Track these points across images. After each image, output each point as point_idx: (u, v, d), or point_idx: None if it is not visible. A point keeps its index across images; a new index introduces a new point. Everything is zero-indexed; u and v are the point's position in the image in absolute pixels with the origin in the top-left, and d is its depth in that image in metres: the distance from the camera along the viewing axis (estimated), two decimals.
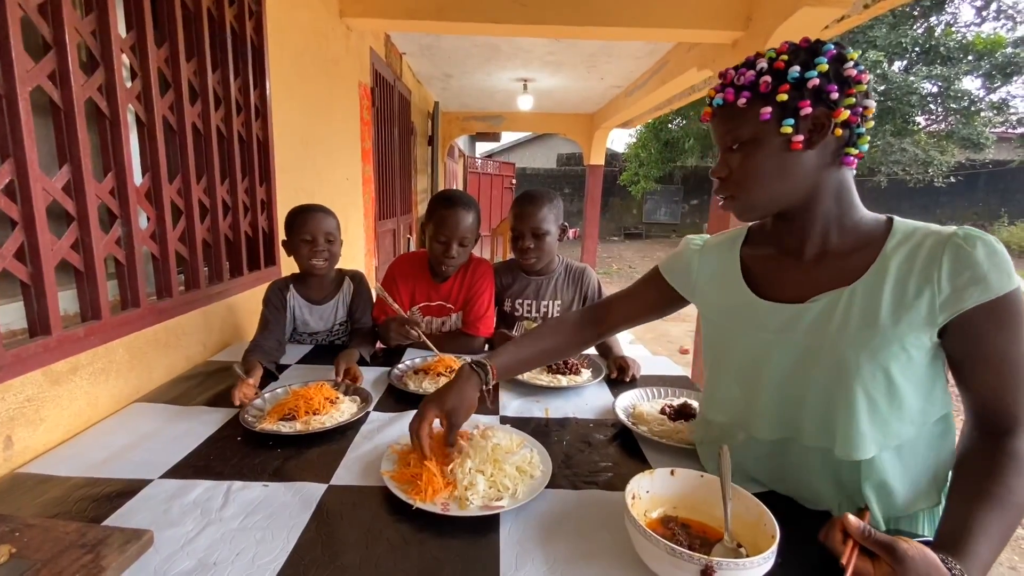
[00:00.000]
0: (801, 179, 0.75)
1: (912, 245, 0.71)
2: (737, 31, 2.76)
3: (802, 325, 0.76)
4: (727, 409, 0.87)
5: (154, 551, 0.68)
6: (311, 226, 1.48)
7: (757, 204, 0.79)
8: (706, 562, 0.58)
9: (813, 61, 0.71)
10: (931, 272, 0.68)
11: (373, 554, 0.69)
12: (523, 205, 1.60)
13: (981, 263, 0.66)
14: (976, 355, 0.69)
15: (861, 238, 0.76)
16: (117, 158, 1.16)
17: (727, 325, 0.86)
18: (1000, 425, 0.69)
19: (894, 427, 0.72)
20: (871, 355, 0.70)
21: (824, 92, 0.70)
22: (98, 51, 1.11)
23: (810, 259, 0.79)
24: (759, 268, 0.85)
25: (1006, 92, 11.81)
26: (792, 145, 0.72)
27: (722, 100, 0.77)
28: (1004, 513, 0.63)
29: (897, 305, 0.70)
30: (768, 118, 0.72)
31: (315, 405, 1.07)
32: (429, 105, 6.26)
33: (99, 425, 1.06)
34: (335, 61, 2.64)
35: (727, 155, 0.79)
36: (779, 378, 0.79)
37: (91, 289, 1.09)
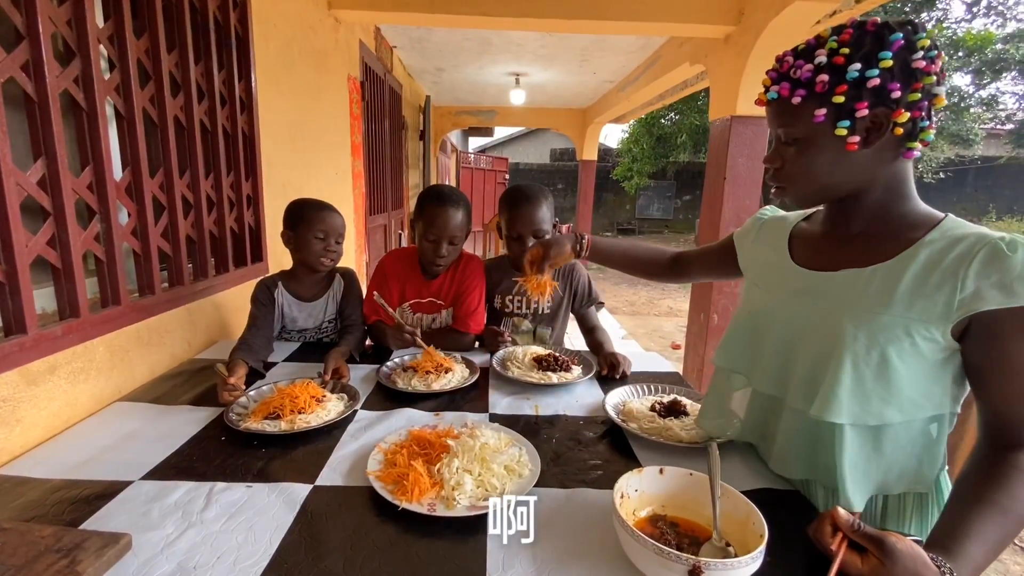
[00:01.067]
0: (855, 175, 0.75)
1: (950, 240, 0.70)
2: (729, 25, 2.76)
3: (817, 291, 0.79)
4: (731, 356, 0.92)
5: (132, 555, 0.67)
6: (326, 224, 1.48)
7: (808, 196, 0.81)
8: (694, 562, 0.57)
9: (878, 55, 0.68)
10: (958, 268, 0.67)
11: (358, 556, 0.68)
12: (520, 205, 1.55)
13: (1014, 268, 0.64)
14: (995, 363, 0.68)
15: (904, 227, 0.75)
16: (95, 152, 1.13)
17: (757, 283, 0.92)
18: (1010, 438, 0.68)
19: (875, 405, 0.72)
20: (871, 332, 0.71)
21: (886, 90, 0.68)
22: (74, 41, 1.08)
23: (849, 237, 0.80)
24: (804, 240, 0.88)
25: (995, 88, 11.95)
26: (847, 147, 0.71)
27: (776, 94, 0.75)
28: (1003, 520, 0.63)
29: (915, 292, 0.70)
30: (822, 120, 0.71)
31: (301, 404, 1.05)
32: (420, 99, 6.21)
33: (78, 426, 1.04)
34: (323, 54, 2.60)
35: (781, 146, 0.79)
36: (782, 336, 0.82)
37: (69, 286, 1.07)
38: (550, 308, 1.68)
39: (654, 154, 13.89)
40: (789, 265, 0.85)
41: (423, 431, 0.95)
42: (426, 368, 1.26)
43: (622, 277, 1.81)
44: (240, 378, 1.16)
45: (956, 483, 0.71)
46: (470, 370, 1.33)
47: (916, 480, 0.76)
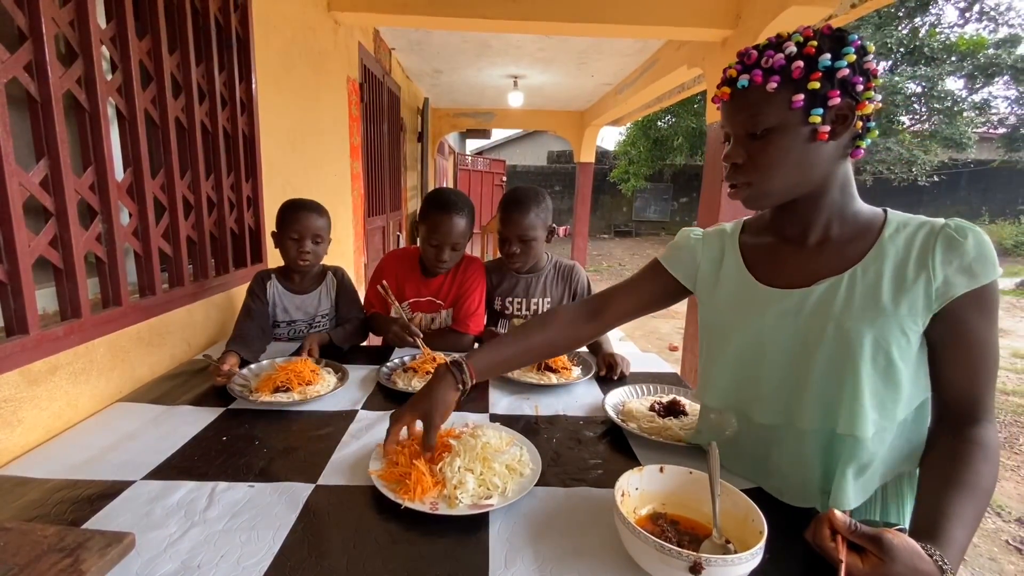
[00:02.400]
0: (818, 169, 0.75)
1: (908, 233, 0.73)
2: (726, 29, 2.78)
3: (804, 310, 0.77)
4: (725, 394, 0.88)
5: (136, 554, 0.67)
6: (300, 224, 1.49)
7: (772, 192, 0.77)
8: (694, 559, 0.58)
9: (841, 51, 0.69)
10: (926, 259, 0.70)
11: (360, 555, 0.68)
12: (510, 210, 1.56)
13: (969, 252, 0.68)
14: (956, 341, 0.71)
15: (859, 227, 0.77)
16: (97, 153, 1.13)
17: (726, 310, 0.86)
18: (967, 415, 0.72)
19: (889, 408, 0.73)
20: (876, 334, 0.71)
21: (851, 84, 0.70)
22: (77, 42, 1.08)
23: (811, 246, 0.80)
24: (759, 256, 0.86)
25: (988, 93, 12.03)
26: (819, 135, 0.72)
27: (748, 82, 0.73)
28: (974, 498, 0.66)
29: (898, 289, 0.71)
30: (800, 106, 0.71)
31: (306, 377, 1.16)
32: (419, 101, 6.22)
33: (79, 426, 1.04)
34: (323, 56, 2.61)
35: (746, 141, 0.76)
36: (781, 362, 0.80)
37: (70, 287, 1.07)
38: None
39: (651, 156, 13.93)
40: (756, 288, 0.83)
41: None
42: (426, 369, 1.27)
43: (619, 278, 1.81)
44: (232, 364, 1.22)
45: (923, 468, 0.73)
46: None
47: (908, 460, 0.78)
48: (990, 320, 0.70)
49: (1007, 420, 3.58)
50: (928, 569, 0.58)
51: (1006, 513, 2.49)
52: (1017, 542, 2.28)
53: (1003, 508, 2.53)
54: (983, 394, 0.71)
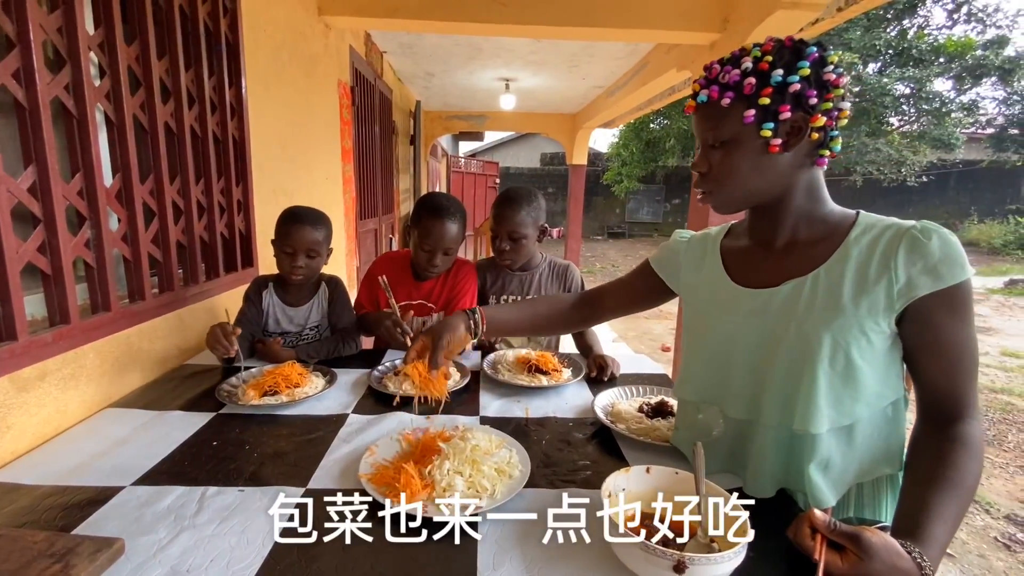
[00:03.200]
0: (776, 178, 0.78)
1: (873, 235, 0.75)
2: (714, 33, 2.80)
3: (771, 308, 0.80)
4: (699, 389, 0.91)
5: (125, 559, 0.67)
6: (293, 239, 1.44)
7: (733, 200, 0.82)
8: (678, 558, 0.59)
9: (796, 64, 0.72)
10: (889, 260, 0.72)
11: (349, 558, 0.69)
12: (501, 207, 1.60)
13: (934, 253, 0.70)
14: (929, 342, 0.73)
15: (828, 229, 0.80)
16: (85, 158, 1.13)
17: (704, 309, 0.91)
18: (949, 412, 0.73)
19: (847, 406, 0.75)
20: (834, 335, 0.74)
21: (804, 97, 0.72)
22: (65, 48, 1.08)
23: (780, 248, 0.83)
24: (736, 257, 0.90)
25: (975, 94, 12.18)
26: (770, 148, 0.75)
27: (706, 97, 0.78)
28: (956, 496, 0.67)
29: (859, 290, 0.73)
30: (751, 121, 0.74)
31: (294, 380, 1.19)
32: (411, 104, 6.22)
33: (69, 432, 1.04)
34: (314, 59, 2.61)
35: (708, 151, 0.81)
36: (748, 358, 0.83)
37: (59, 293, 1.07)
38: None
39: (643, 158, 14.00)
40: (730, 287, 0.86)
41: (415, 435, 0.96)
42: (418, 371, 1.27)
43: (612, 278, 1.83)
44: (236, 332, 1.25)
45: (907, 466, 0.75)
46: (461, 373, 1.34)
47: (885, 462, 0.80)
48: (962, 320, 0.71)
49: (996, 418, 3.63)
50: (907, 567, 0.60)
51: (995, 510, 2.53)
52: (1005, 538, 2.31)
53: (992, 505, 2.56)
54: (964, 392, 0.72)
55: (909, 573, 0.60)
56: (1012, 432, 3.41)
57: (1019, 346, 5.24)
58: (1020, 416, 3.65)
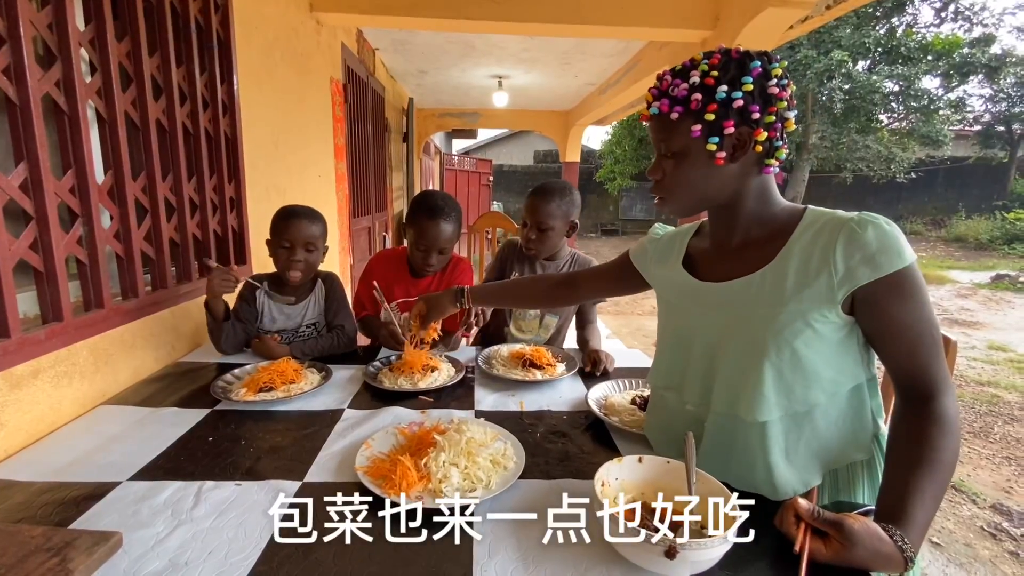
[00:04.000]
0: (724, 187, 0.82)
1: (815, 230, 0.77)
2: (705, 30, 2.82)
3: (723, 303, 0.84)
4: (664, 375, 0.95)
5: (123, 553, 0.68)
6: (291, 232, 1.44)
7: (685, 206, 0.87)
8: (669, 543, 0.60)
9: (740, 79, 0.75)
10: (828, 253, 0.74)
11: (347, 549, 0.69)
12: (534, 197, 1.64)
13: (870, 243, 0.71)
14: (883, 328, 0.75)
15: (776, 228, 0.83)
16: (77, 155, 1.13)
17: (670, 301, 0.97)
18: (920, 391, 0.75)
19: (799, 393, 0.78)
20: (776, 333, 0.76)
21: (748, 112, 0.75)
22: (55, 45, 1.08)
23: (735, 248, 0.87)
24: (698, 255, 0.94)
25: (963, 91, 12.34)
26: (716, 161, 0.78)
27: (657, 110, 0.81)
28: (934, 474, 0.68)
29: (800, 284, 0.76)
30: (698, 135, 0.78)
31: (289, 376, 1.19)
32: (403, 101, 6.21)
33: (63, 429, 1.04)
34: (306, 56, 2.60)
35: (661, 159, 0.84)
36: (703, 349, 0.87)
37: (52, 290, 1.06)
38: None
39: (636, 156, 14.04)
40: (691, 281, 0.90)
41: (410, 428, 0.97)
42: (413, 367, 1.28)
43: None
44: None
45: (888, 448, 0.77)
46: (456, 368, 1.35)
47: (856, 448, 0.82)
48: (913, 302, 0.72)
49: (982, 410, 3.68)
50: (889, 551, 0.62)
51: (981, 500, 2.57)
52: (991, 528, 2.35)
53: (978, 495, 2.61)
54: (931, 369, 0.74)
55: (891, 557, 0.62)
56: (998, 424, 3.47)
57: (1006, 339, 5.32)
58: (1006, 408, 3.71)
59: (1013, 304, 6.72)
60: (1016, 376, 4.37)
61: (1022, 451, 3.11)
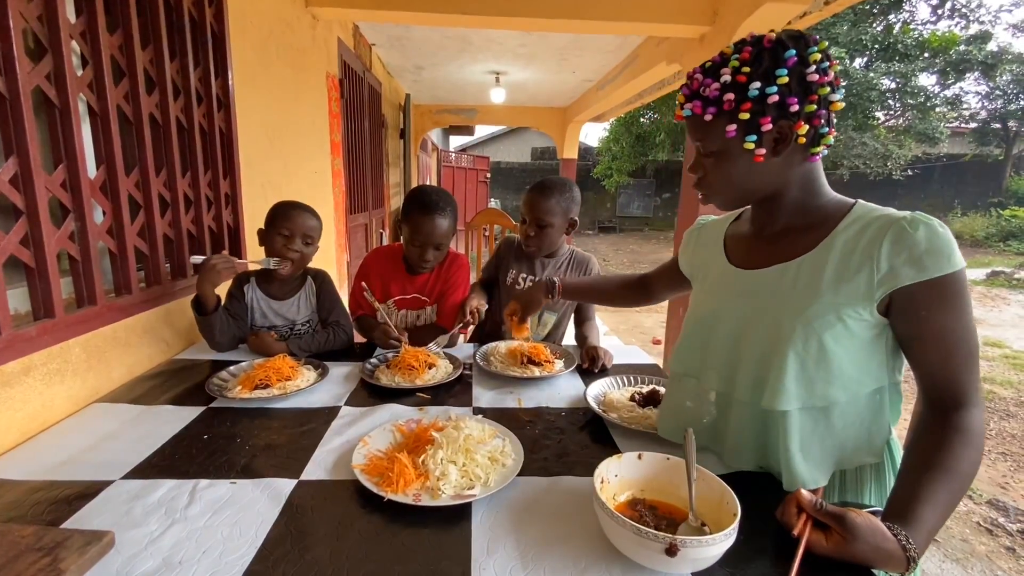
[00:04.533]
0: (768, 180, 0.80)
1: (862, 225, 0.76)
2: (704, 26, 2.81)
3: (756, 289, 0.83)
4: (683, 360, 0.94)
5: (116, 552, 0.67)
6: (292, 222, 1.46)
7: (728, 200, 0.86)
8: (670, 541, 0.60)
9: (775, 72, 0.71)
10: (872, 250, 0.72)
11: (344, 547, 0.69)
12: (533, 193, 1.62)
13: (919, 244, 0.69)
14: (919, 333, 0.72)
15: (821, 218, 0.80)
16: (68, 149, 1.11)
17: (704, 287, 0.96)
18: (947, 401, 0.72)
19: (819, 388, 0.76)
20: (806, 322, 0.75)
21: (785, 105, 0.72)
22: (45, 37, 1.06)
23: (774, 235, 0.85)
24: (736, 241, 0.94)
25: (959, 88, 12.37)
26: (755, 158, 0.76)
27: (690, 112, 0.80)
28: (950, 482, 0.66)
29: (838, 278, 0.74)
30: (733, 135, 0.75)
31: (285, 373, 1.18)
32: (400, 97, 6.18)
33: (56, 427, 1.02)
34: (301, 51, 2.58)
35: (700, 157, 0.84)
36: (728, 335, 0.86)
37: (43, 286, 1.05)
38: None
39: (633, 153, 14.04)
40: (727, 267, 0.90)
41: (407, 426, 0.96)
42: (409, 363, 1.27)
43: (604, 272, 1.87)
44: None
45: (905, 451, 0.75)
46: (453, 365, 1.34)
47: (868, 451, 0.81)
48: (955, 310, 0.70)
49: None
50: (891, 548, 0.61)
51: (977, 495, 2.58)
52: (988, 523, 2.36)
53: (974, 491, 2.62)
54: (962, 381, 0.71)
55: (893, 555, 0.61)
56: (993, 420, 3.48)
57: (1001, 336, 5.35)
58: (1001, 404, 3.73)
59: (1008, 301, 6.75)
60: (1011, 372, 4.39)
61: (1017, 447, 3.12)
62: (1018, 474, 2.82)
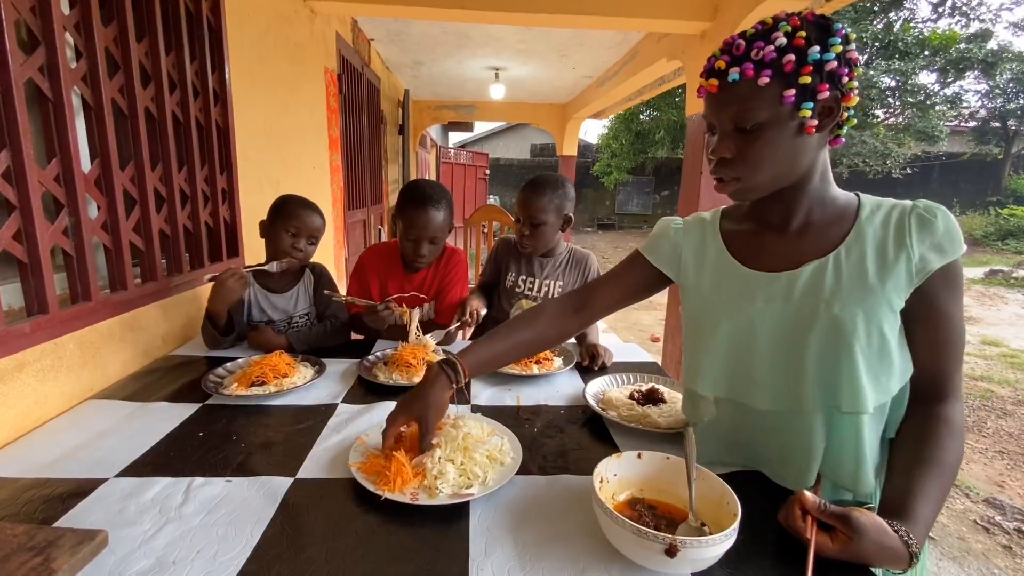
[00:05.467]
0: (803, 161, 0.75)
1: (883, 214, 0.76)
2: (704, 22, 2.80)
3: (794, 292, 0.77)
4: (717, 384, 0.85)
5: (109, 551, 0.66)
6: (300, 221, 1.47)
7: (761, 186, 0.77)
8: (670, 541, 0.59)
9: (828, 41, 0.68)
10: (903, 238, 0.73)
11: (340, 546, 0.68)
12: (526, 191, 1.60)
13: (939, 229, 0.72)
14: (927, 315, 0.73)
15: (838, 211, 0.79)
16: (62, 143, 1.10)
17: (715, 299, 0.85)
18: (935, 392, 0.74)
19: (883, 383, 0.74)
20: (867, 314, 0.72)
21: (837, 75, 0.69)
22: (39, 29, 1.04)
23: (793, 231, 0.80)
24: (742, 242, 0.86)
25: (959, 87, 12.36)
26: (807, 129, 0.71)
27: (739, 75, 0.70)
28: (940, 475, 0.68)
29: (881, 268, 0.73)
30: (791, 101, 0.69)
31: (282, 370, 1.17)
32: (399, 93, 6.15)
33: (49, 424, 1.01)
34: (299, 46, 2.56)
35: (734, 135, 0.75)
36: (774, 346, 0.79)
37: (36, 282, 1.04)
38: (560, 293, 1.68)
39: (633, 150, 14.01)
40: (744, 273, 0.82)
41: None
42: (406, 360, 1.26)
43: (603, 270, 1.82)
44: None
45: (895, 445, 0.75)
46: None
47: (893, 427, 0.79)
48: (956, 295, 0.73)
49: (975, 404, 3.71)
50: (894, 545, 0.61)
51: (974, 494, 2.59)
52: (984, 521, 2.36)
53: (971, 489, 2.62)
54: (950, 371, 0.74)
55: (896, 551, 0.61)
56: (991, 419, 3.49)
57: (999, 334, 5.36)
58: (999, 403, 3.74)
59: (1006, 299, 6.75)
60: (1009, 371, 4.40)
61: (1015, 445, 3.13)
62: (1015, 472, 2.82)
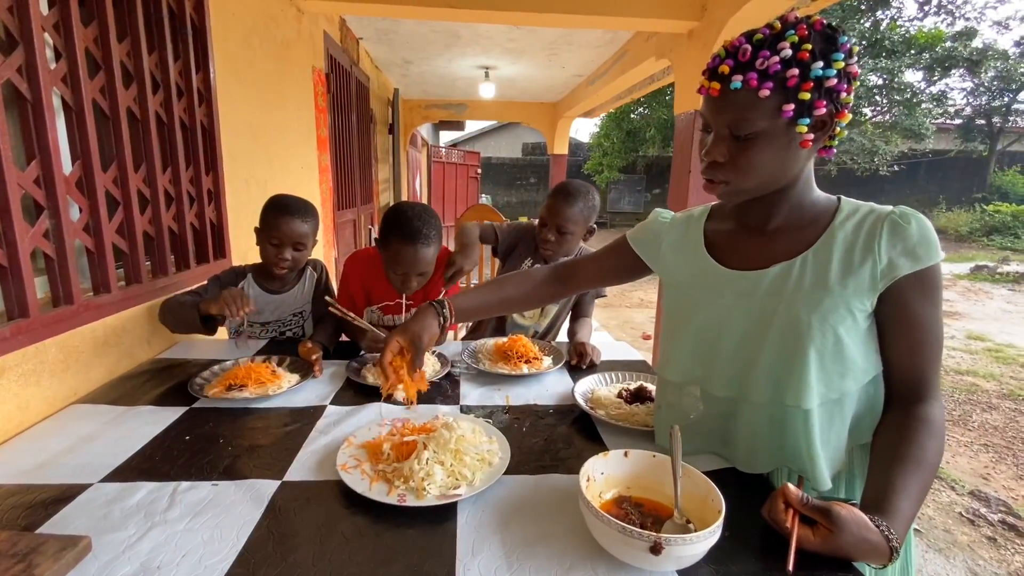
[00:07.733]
0: (794, 170, 0.77)
1: (857, 219, 0.77)
2: (692, 21, 2.81)
3: (760, 290, 0.80)
4: (684, 369, 0.90)
5: (92, 558, 0.65)
6: (280, 231, 1.43)
7: (748, 191, 0.79)
8: (654, 539, 0.59)
9: (831, 56, 0.68)
10: (872, 243, 0.74)
11: (327, 548, 0.68)
12: (557, 198, 1.59)
13: (912, 235, 0.72)
14: (901, 320, 0.75)
15: (815, 214, 0.81)
16: (42, 145, 1.08)
17: (689, 292, 0.90)
18: (913, 393, 0.76)
19: (835, 381, 0.77)
20: (822, 316, 0.75)
21: (836, 92, 0.70)
22: (16, 29, 1.03)
23: (769, 233, 0.83)
24: (721, 240, 0.89)
25: (945, 84, 12.52)
26: (801, 144, 0.73)
27: (741, 84, 0.70)
28: (920, 472, 0.69)
29: (845, 272, 0.75)
30: (789, 116, 0.70)
31: (264, 377, 1.16)
32: (389, 92, 6.12)
33: (31, 430, 1.00)
34: (286, 45, 2.54)
35: (728, 140, 0.75)
36: (736, 339, 0.83)
37: (16, 285, 1.02)
38: None
39: (624, 148, 14.06)
40: (719, 269, 0.86)
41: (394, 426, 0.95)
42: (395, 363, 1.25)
43: None
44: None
45: (875, 444, 0.77)
46: (441, 363, 1.33)
47: (870, 430, 0.81)
48: (933, 301, 0.74)
49: (960, 399, 3.76)
50: (875, 539, 0.62)
51: (960, 487, 2.62)
52: (970, 514, 2.40)
53: (957, 482, 2.66)
54: (928, 373, 0.75)
55: (877, 545, 0.62)
56: (976, 412, 3.54)
57: (984, 329, 5.44)
58: (984, 397, 3.80)
59: (991, 295, 6.86)
60: (994, 365, 4.47)
61: (999, 438, 3.18)
62: (1000, 465, 2.87)
